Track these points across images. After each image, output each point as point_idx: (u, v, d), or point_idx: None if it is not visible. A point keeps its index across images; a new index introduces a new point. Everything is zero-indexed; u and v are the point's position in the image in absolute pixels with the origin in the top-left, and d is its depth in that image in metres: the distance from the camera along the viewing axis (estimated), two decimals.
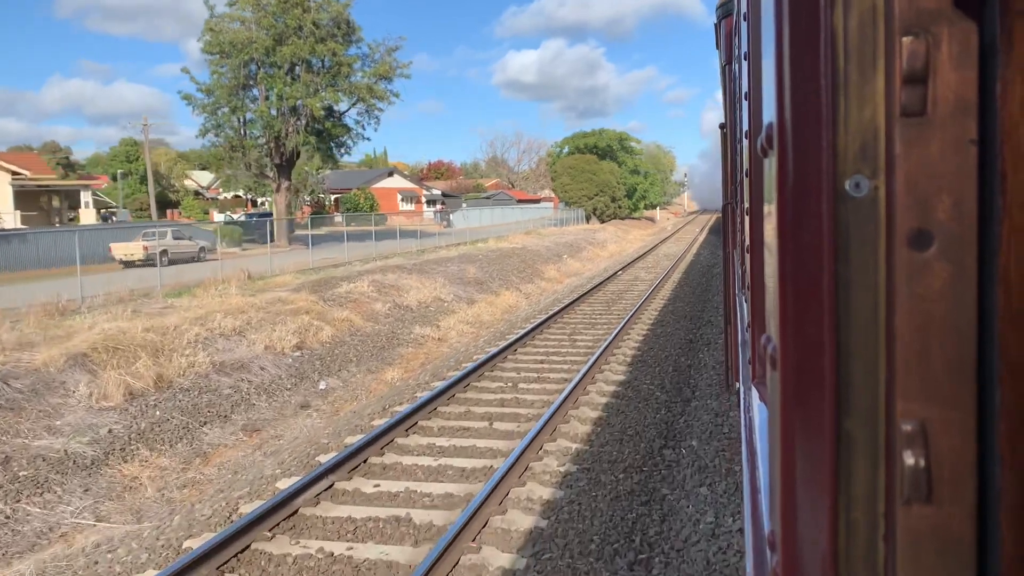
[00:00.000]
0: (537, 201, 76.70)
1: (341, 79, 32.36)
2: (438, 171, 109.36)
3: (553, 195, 69.71)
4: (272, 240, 25.41)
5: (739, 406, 2.98)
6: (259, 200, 58.56)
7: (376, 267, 21.12)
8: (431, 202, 70.36)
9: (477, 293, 20.51)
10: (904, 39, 0.60)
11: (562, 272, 27.90)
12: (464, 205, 72.69)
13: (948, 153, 0.60)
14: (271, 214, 38.95)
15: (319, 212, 55.65)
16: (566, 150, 68.41)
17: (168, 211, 66.50)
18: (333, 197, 61.15)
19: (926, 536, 0.62)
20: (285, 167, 34.59)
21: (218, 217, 66.49)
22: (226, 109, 32.29)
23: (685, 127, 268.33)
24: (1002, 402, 0.59)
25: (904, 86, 0.60)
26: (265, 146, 33.77)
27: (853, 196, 0.63)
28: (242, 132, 33.07)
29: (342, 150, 35.67)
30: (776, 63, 0.68)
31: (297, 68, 31.75)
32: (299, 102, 31.42)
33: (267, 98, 31.85)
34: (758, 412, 1.67)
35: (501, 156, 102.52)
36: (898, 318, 0.62)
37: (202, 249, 26.55)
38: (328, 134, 33.68)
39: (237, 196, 64.08)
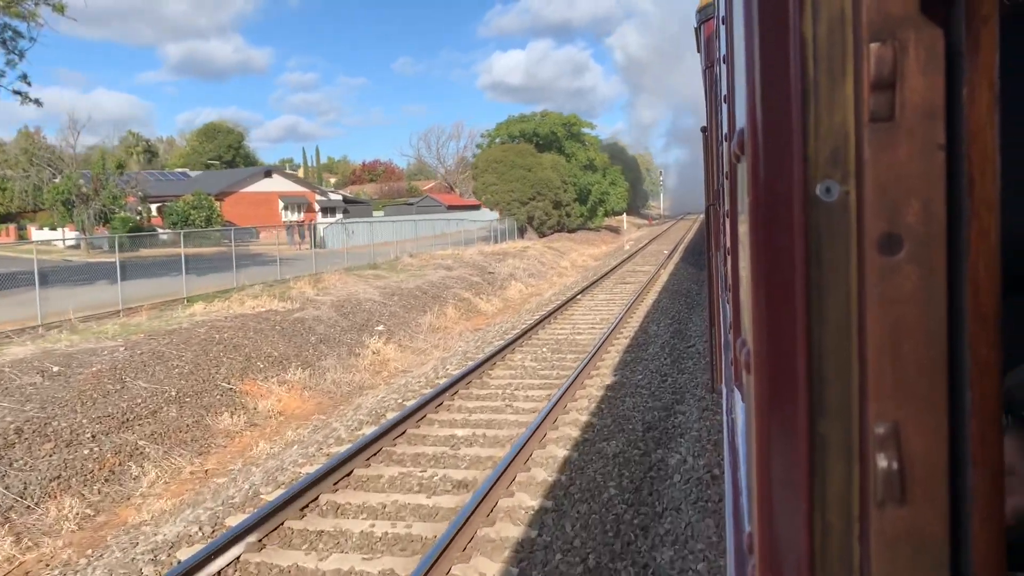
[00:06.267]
0: (477, 207, 60.40)
1: None
2: (373, 172, 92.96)
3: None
4: None
5: (722, 408, 2.75)
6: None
7: None
8: (327, 210, 54.01)
9: None
10: (872, 45, 0.59)
11: (308, 400, 11.13)
12: (380, 214, 57.12)
13: (916, 157, 0.60)
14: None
15: (139, 228, 39.32)
16: (498, 141, 51.50)
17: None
18: (154, 206, 44.49)
19: (900, 537, 0.61)
20: None
21: (36, 235, 51.00)
22: None
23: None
24: (972, 402, 0.59)
25: (872, 92, 0.60)
26: None
27: (824, 201, 0.62)
28: None
29: None
30: (747, 69, 0.68)
31: None
32: None
33: None
34: (740, 414, 1.63)
35: (437, 151, 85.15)
36: (870, 321, 0.61)
37: None
38: None
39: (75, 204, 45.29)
